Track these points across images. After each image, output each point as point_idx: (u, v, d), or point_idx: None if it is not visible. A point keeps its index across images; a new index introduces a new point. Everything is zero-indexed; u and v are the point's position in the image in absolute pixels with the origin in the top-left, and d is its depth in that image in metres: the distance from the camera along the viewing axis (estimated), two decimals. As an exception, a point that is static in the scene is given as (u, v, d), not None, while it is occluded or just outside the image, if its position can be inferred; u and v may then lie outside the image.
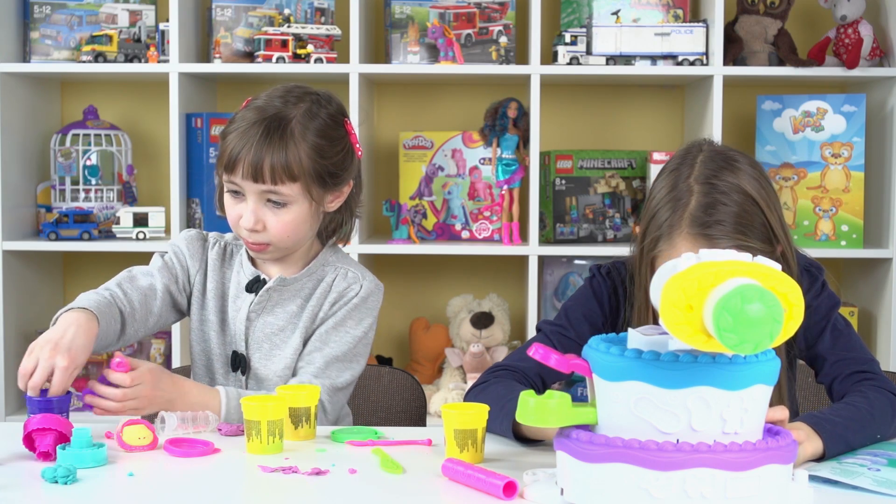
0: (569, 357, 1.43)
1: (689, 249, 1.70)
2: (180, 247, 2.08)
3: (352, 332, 2.01)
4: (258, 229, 1.95)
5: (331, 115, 1.99)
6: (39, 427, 1.65)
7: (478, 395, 1.83)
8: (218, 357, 2.06)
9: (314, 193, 1.95)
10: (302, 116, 1.95)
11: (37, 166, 3.43)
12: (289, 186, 1.92)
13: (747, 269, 1.32)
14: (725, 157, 1.81)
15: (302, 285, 2.03)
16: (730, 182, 1.76)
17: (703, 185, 1.76)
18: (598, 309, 1.94)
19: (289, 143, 1.92)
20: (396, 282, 3.54)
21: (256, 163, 1.90)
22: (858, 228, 3.25)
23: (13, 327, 3.27)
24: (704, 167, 1.79)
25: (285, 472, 1.58)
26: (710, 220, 1.73)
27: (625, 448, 1.34)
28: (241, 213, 1.95)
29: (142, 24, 3.37)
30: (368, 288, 2.03)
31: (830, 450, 1.64)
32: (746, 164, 1.81)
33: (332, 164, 1.96)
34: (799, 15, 3.47)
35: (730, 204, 1.74)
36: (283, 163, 1.91)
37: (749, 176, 1.78)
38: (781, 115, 3.27)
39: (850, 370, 1.84)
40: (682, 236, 1.74)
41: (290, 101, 1.96)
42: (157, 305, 2.01)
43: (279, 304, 2.03)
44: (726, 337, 1.28)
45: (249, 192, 1.94)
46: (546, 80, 3.23)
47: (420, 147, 3.38)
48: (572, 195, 3.33)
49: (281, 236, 1.96)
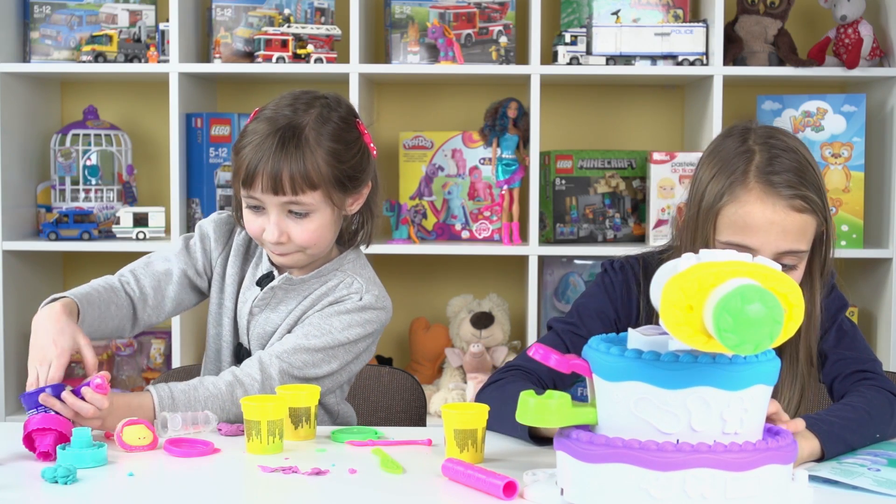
0: (569, 357, 1.43)
1: (760, 204, 1.73)
2: (207, 229, 2.09)
3: (334, 333, 1.95)
4: (283, 241, 1.93)
5: (342, 117, 1.96)
6: (39, 427, 1.65)
7: (493, 392, 1.83)
8: (228, 345, 2.06)
9: (335, 199, 1.93)
10: (314, 122, 1.92)
11: (37, 166, 3.43)
12: (310, 195, 1.90)
13: (747, 269, 1.32)
14: (774, 128, 1.85)
15: (308, 287, 2.02)
16: (787, 142, 1.80)
17: (763, 145, 1.79)
18: (611, 305, 1.92)
19: (305, 152, 1.89)
20: (396, 282, 3.54)
21: (275, 175, 1.87)
22: (858, 228, 3.25)
23: (13, 327, 3.27)
24: (759, 132, 1.82)
25: (285, 472, 1.58)
26: (774, 169, 1.75)
27: (625, 448, 1.34)
28: (264, 227, 1.93)
29: (142, 24, 3.37)
30: (369, 301, 1.98)
31: (829, 449, 1.64)
32: (795, 137, 1.85)
33: (350, 168, 1.94)
34: (799, 15, 3.47)
35: (790, 160, 1.77)
36: (302, 172, 1.88)
37: (801, 143, 1.83)
38: (781, 115, 3.27)
39: (851, 369, 1.85)
40: (749, 187, 1.75)
41: (299, 109, 1.93)
42: (173, 289, 2.04)
43: (283, 301, 2.02)
44: (726, 337, 1.28)
45: (270, 204, 1.91)
46: (546, 80, 3.23)
47: (420, 147, 3.38)
48: (572, 195, 3.33)
49: (307, 245, 1.94)
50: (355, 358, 1.99)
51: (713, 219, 1.77)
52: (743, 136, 1.82)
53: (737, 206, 1.75)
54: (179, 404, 1.81)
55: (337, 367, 1.96)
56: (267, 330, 2.02)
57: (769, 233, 1.74)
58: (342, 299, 1.99)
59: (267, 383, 1.88)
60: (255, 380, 1.88)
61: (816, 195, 1.77)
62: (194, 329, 3.33)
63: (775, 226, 1.74)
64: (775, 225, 1.74)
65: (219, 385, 1.85)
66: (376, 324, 2.00)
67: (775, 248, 1.74)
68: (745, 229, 1.74)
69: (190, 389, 1.83)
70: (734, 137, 1.82)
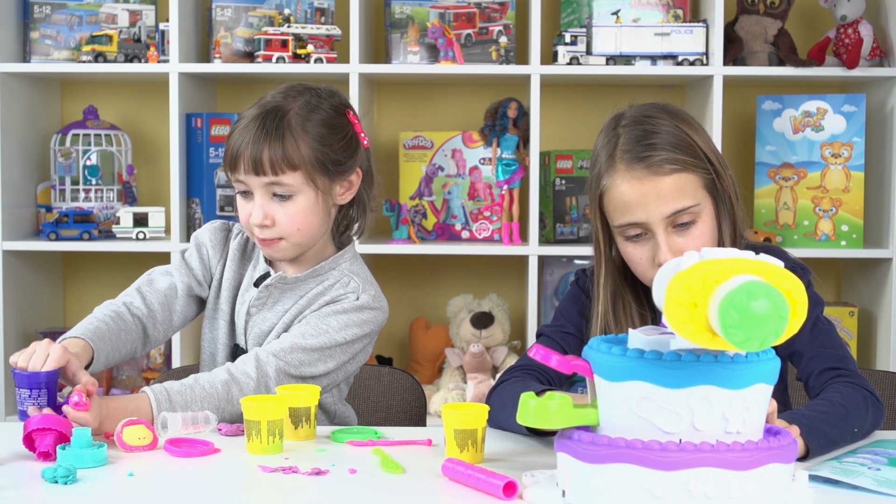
0: (569, 358, 1.43)
1: (627, 181, 1.79)
2: (202, 238, 2.11)
3: (331, 333, 1.95)
4: (267, 224, 1.95)
5: (332, 105, 2.00)
6: (39, 427, 1.65)
7: (499, 393, 1.86)
8: (224, 347, 2.07)
9: (319, 182, 1.95)
10: (300, 108, 1.96)
11: (37, 166, 3.43)
12: (290, 175, 1.93)
13: (751, 266, 1.31)
14: (651, 104, 1.90)
15: (304, 286, 2.02)
16: (654, 120, 1.84)
17: (627, 126, 1.84)
18: (590, 304, 1.96)
19: (286, 133, 1.93)
20: (396, 282, 3.54)
21: (256, 155, 1.92)
22: (858, 228, 3.25)
23: (13, 327, 3.27)
24: (630, 114, 1.87)
25: (285, 472, 1.58)
26: (635, 145, 1.80)
27: (628, 448, 1.34)
28: (251, 212, 1.95)
29: (142, 24, 3.37)
30: (365, 301, 1.99)
31: (811, 443, 1.65)
32: (666, 104, 1.89)
33: (334, 151, 1.96)
34: (799, 15, 3.47)
35: (651, 129, 1.82)
36: (281, 152, 1.91)
37: (674, 111, 1.87)
38: (781, 115, 3.27)
39: (825, 366, 1.87)
40: (616, 168, 1.81)
41: (290, 96, 1.98)
42: (180, 304, 2.05)
43: (279, 301, 2.03)
44: (732, 334, 1.27)
45: (255, 187, 1.94)
46: (546, 80, 3.23)
47: (420, 147, 3.38)
48: (572, 195, 3.33)
49: (290, 229, 1.95)
50: (352, 358, 1.99)
51: (599, 208, 1.85)
52: (613, 124, 1.88)
53: (612, 190, 1.82)
54: (177, 405, 1.81)
55: (333, 367, 1.96)
56: (264, 329, 2.02)
57: (647, 203, 1.79)
58: (339, 298, 1.99)
59: (262, 381, 1.88)
60: (250, 377, 1.87)
61: (686, 153, 1.80)
62: (194, 329, 3.33)
63: (649, 195, 1.79)
64: (649, 194, 1.79)
65: (215, 384, 1.85)
66: (373, 324, 2.00)
67: (661, 215, 1.79)
68: (627, 208, 1.80)
69: (186, 389, 1.83)
70: (606, 129, 1.89)
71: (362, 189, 2.04)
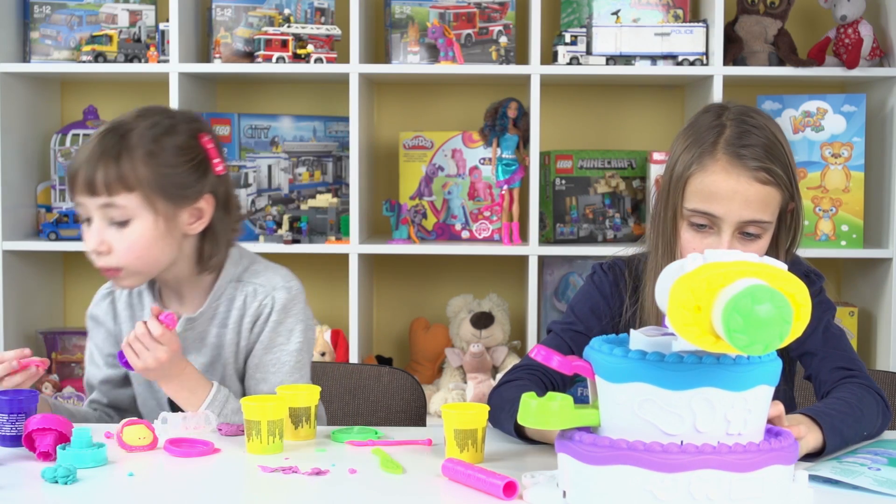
0: (571, 358, 1.43)
1: (724, 172, 1.79)
2: (92, 313, 2.05)
3: (286, 348, 1.94)
4: (102, 250, 1.84)
5: (185, 129, 1.89)
6: (39, 427, 1.65)
7: (501, 394, 1.86)
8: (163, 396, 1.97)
9: (159, 206, 1.84)
10: (146, 128, 1.86)
11: (37, 166, 3.43)
12: (125, 197, 1.82)
13: (755, 269, 1.31)
14: (750, 107, 1.91)
15: (212, 315, 1.95)
16: (759, 120, 1.86)
17: (735, 121, 1.85)
18: (603, 302, 1.97)
19: (122, 152, 1.83)
20: (396, 282, 3.54)
21: (90, 175, 1.82)
22: (858, 228, 3.25)
23: (13, 327, 3.27)
24: (734, 109, 1.88)
25: (285, 472, 1.58)
26: (742, 143, 1.81)
27: (629, 450, 1.34)
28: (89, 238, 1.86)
29: (142, 24, 3.36)
30: (283, 298, 1.95)
31: (829, 441, 1.66)
32: (768, 117, 1.91)
33: (178, 174, 1.86)
34: (799, 15, 3.47)
35: (759, 136, 1.83)
36: (116, 172, 1.82)
37: (774, 124, 1.88)
38: (781, 115, 3.27)
39: (836, 365, 1.88)
40: (717, 157, 1.81)
41: (140, 116, 1.89)
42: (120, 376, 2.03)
43: (199, 340, 1.96)
44: (736, 338, 1.27)
45: (91, 209, 1.84)
46: (546, 80, 3.23)
47: (420, 147, 3.38)
48: (572, 195, 3.33)
49: (129, 258, 1.85)
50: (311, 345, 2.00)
51: (682, 187, 1.83)
52: (718, 112, 1.89)
53: (704, 175, 1.81)
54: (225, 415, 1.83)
55: (308, 366, 1.98)
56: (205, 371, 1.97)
57: (732, 201, 1.79)
58: (259, 311, 1.95)
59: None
60: None
61: (782, 171, 1.82)
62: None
63: (738, 195, 1.79)
64: (738, 194, 1.79)
65: None
66: (302, 306, 1.98)
67: (738, 217, 1.80)
68: (710, 197, 1.80)
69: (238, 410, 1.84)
70: (710, 113, 1.89)
71: (216, 218, 1.92)
